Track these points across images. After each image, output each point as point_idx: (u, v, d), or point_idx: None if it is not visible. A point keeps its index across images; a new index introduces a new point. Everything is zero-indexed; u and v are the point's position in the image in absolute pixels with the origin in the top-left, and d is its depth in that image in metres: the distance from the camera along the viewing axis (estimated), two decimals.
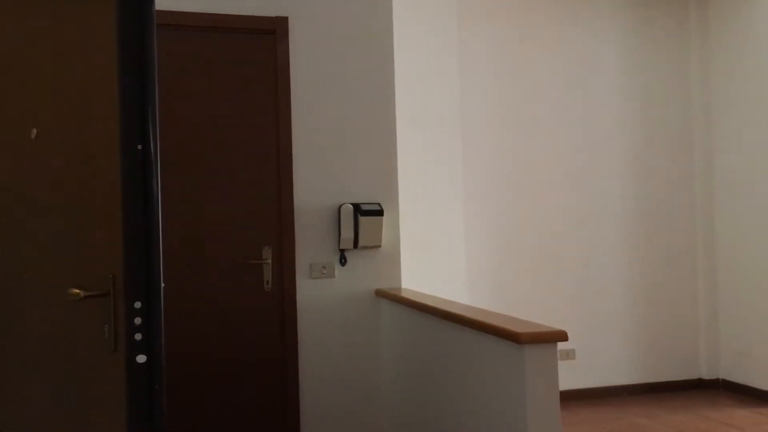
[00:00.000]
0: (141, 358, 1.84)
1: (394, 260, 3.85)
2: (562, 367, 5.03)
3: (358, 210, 3.72)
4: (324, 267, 3.74)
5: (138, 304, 1.84)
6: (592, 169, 5.23)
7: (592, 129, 5.23)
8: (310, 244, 3.73)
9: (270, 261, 3.66)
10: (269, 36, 3.69)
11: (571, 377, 5.13)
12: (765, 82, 4.90)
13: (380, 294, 3.76)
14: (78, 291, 1.90)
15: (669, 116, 5.38)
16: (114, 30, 1.84)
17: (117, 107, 1.85)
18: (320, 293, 3.74)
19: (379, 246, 3.78)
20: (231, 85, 3.66)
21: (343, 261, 3.76)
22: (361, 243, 3.73)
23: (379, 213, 3.74)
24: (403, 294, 3.60)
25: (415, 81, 4.70)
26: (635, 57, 5.32)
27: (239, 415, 3.63)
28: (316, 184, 3.75)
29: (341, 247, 3.74)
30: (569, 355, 5.15)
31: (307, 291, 3.71)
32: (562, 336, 2.38)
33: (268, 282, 3.66)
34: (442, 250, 4.82)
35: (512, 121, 5.08)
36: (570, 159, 5.18)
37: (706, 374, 5.36)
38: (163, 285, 1.96)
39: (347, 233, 3.71)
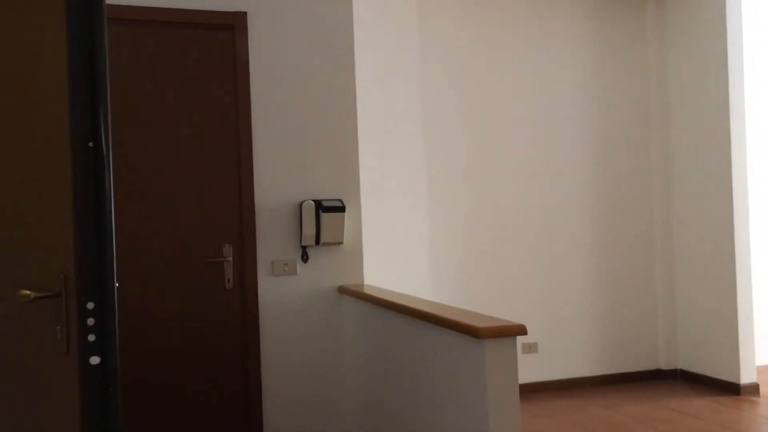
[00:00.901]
0: (94, 360, 1.80)
1: (356, 256, 3.85)
2: (525, 360, 5.16)
3: (319, 206, 3.70)
4: (286, 264, 3.72)
5: (91, 305, 1.80)
6: (553, 165, 5.28)
7: (553, 125, 5.29)
8: (271, 242, 3.70)
9: (231, 259, 3.62)
10: (227, 31, 3.65)
11: (534, 370, 5.20)
12: (720, 78, 5.00)
13: (342, 290, 3.75)
14: (28, 292, 1.85)
15: (628, 113, 5.46)
16: (63, 25, 1.80)
17: (67, 104, 1.81)
18: (282, 291, 3.72)
19: (341, 242, 3.77)
20: (189, 81, 3.61)
21: (305, 258, 3.75)
22: (322, 240, 3.71)
23: (341, 209, 3.73)
24: (366, 290, 3.59)
25: (376, 77, 4.70)
26: (594, 54, 5.39)
27: (200, 416, 3.59)
28: (277, 181, 3.72)
29: (303, 244, 3.73)
30: (532, 348, 5.21)
31: (269, 288, 3.69)
32: (521, 330, 2.40)
33: (229, 280, 3.62)
34: (405, 246, 4.84)
35: (474, 118, 5.10)
36: (531, 155, 5.23)
37: (664, 365, 5.47)
38: (117, 285, 1.93)
39: (309, 230, 3.69)
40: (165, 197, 3.56)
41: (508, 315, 5.03)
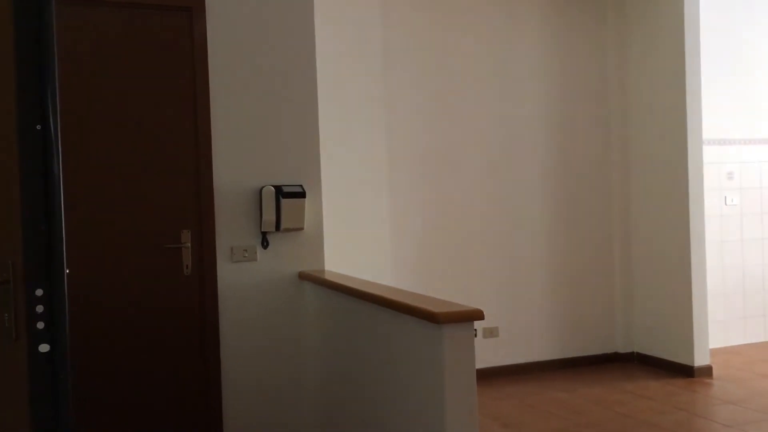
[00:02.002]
0: (44, 348, 1.77)
1: (317, 242, 3.83)
2: (487, 344, 5.21)
3: (279, 192, 3.67)
4: (245, 250, 3.69)
5: (39, 292, 1.76)
6: (513, 152, 5.32)
7: (514, 115, 5.32)
8: (230, 227, 3.66)
9: (189, 245, 3.58)
10: (185, 13, 3.58)
11: (495, 354, 5.26)
12: (677, 74, 5.07)
13: (303, 276, 3.74)
14: None
15: (588, 103, 5.51)
16: (9, 5, 1.74)
17: (14, 86, 1.76)
18: (242, 277, 3.68)
19: (302, 228, 3.76)
20: (145, 64, 3.54)
21: (265, 244, 3.72)
22: (283, 225, 3.69)
23: (302, 195, 3.71)
24: (327, 276, 3.59)
25: (337, 61, 4.67)
26: (555, 43, 5.42)
27: (158, 405, 3.56)
28: (236, 166, 3.68)
29: (263, 230, 3.70)
30: (493, 332, 5.27)
31: (229, 275, 3.65)
32: (479, 315, 2.42)
33: (187, 266, 3.58)
34: (366, 231, 4.84)
35: (435, 103, 5.10)
36: (492, 142, 5.26)
37: (621, 348, 5.58)
38: (67, 271, 1.89)
39: (269, 215, 3.66)
40: (120, 182, 3.50)
41: (470, 300, 5.07)
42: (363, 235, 4.81)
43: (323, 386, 3.63)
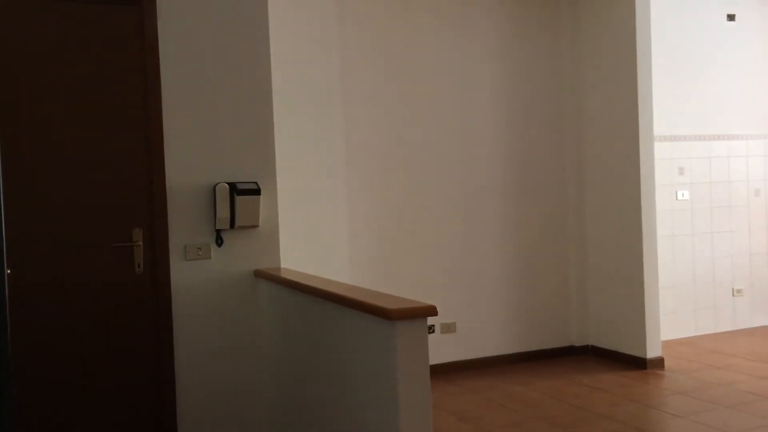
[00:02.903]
0: None
1: (272, 240, 3.80)
2: (444, 340, 5.24)
3: (234, 189, 3.63)
4: (199, 248, 3.64)
5: None
6: (470, 150, 5.35)
7: (470, 113, 5.35)
8: (184, 225, 3.61)
9: (141, 243, 3.52)
10: (135, 7, 3.51)
11: (452, 349, 5.30)
12: (629, 73, 5.16)
13: (259, 274, 3.71)
14: None
15: (542, 102, 5.57)
16: None
17: None
18: (196, 275, 3.64)
19: (257, 226, 3.72)
20: (94, 59, 3.46)
21: (219, 242, 3.68)
22: (238, 223, 3.65)
23: (256, 192, 3.68)
24: (282, 274, 3.56)
25: (293, 56, 4.63)
26: (510, 49, 5.45)
27: (110, 409, 3.49)
28: (189, 163, 3.63)
29: (217, 228, 3.66)
30: (450, 328, 5.30)
31: (182, 273, 3.60)
32: (432, 311, 2.43)
33: (139, 265, 3.52)
34: (323, 228, 4.81)
35: (393, 101, 5.10)
36: (449, 140, 5.28)
37: (576, 341, 5.67)
38: (8, 271, 1.85)
39: (223, 213, 3.62)
40: (69, 180, 3.42)
41: (428, 296, 5.09)
42: (320, 233, 4.79)
43: (279, 385, 3.61)
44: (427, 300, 5.25)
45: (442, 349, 5.25)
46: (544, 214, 5.59)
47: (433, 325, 5.22)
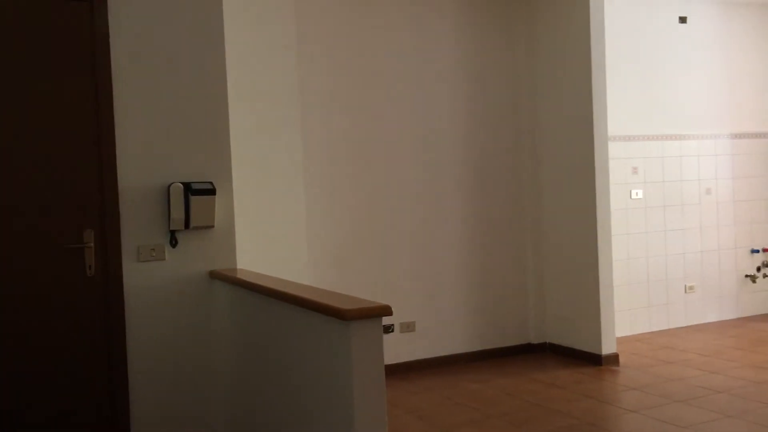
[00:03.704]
0: None
1: (228, 240, 3.76)
2: (404, 339, 5.25)
3: (188, 189, 3.58)
4: (153, 249, 3.58)
5: None
6: (429, 148, 5.37)
7: (429, 112, 5.37)
8: (137, 226, 3.54)
9: (92, 244, 3.44)
10: (85, 2, 3.43)
11: (412, 348, 5.31)
12: (584, 74, 5.23)
13: (214, 275, 3.66)
14: None
15: (500, 102, 5.62)
16: None
17: None
18: (150, 277, 3.57)
19: (212, 226, 3.67)
20: (41, 55, 3.37)
21: (173, 242, 3.62)
22: (192, 223, 3.60)
23: (211, 192, 3.63)
24: (238, 275, 3.52)
25: (249, 54, 4.57)
26: (469, 51, 5.49)
27: (61, 417, 3.40)
28: (142, 163, 3.56)
29: (171, 228, 3.60)
30: (410, 327, 5.31)
31: (135, 275, 3.53)
32: (386, 310, 2.43)
33: (90, 267, 3.44)
34: (282, 228, 4.75)
35: (352, 100, 5.10)
36: (408, 139, 5.29)
37: (534, 339, 5.73)
38: None
39: (177, 213, 3.56)
40: (16, 181, 3.33)
41: (387, 296, 5.11)
42: (278, 233, 4.73)
43: (235, 387, 3.57)
44: (386, 300, 5.26)
45: (401, 349, 5.26)
46: (502, 214, 5.64)
47: (393, 325, 5.23)
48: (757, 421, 3.92)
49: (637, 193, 6.11)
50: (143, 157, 3.55)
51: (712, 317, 6.47)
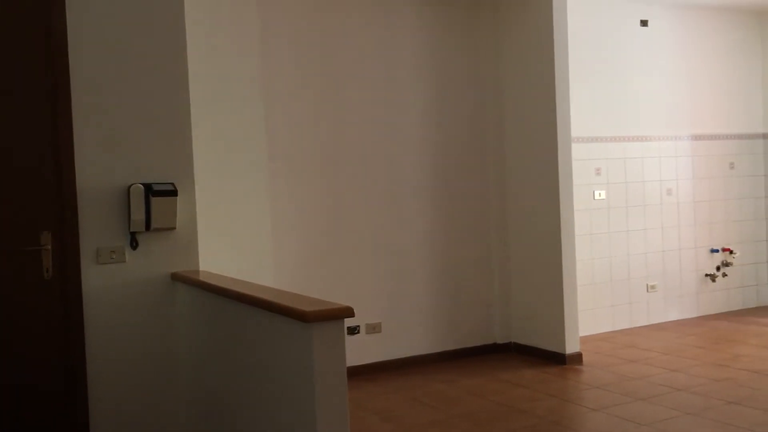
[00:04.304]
0: None
1: (191, 242, 3.71)
2: (370, 340, 5.24)
3: (149, 190, 3.53)
4: (113, 251, 3.52)
5: None
6: (394, 150, 5.37)
7: (394, 113, 5.37)
8: (96, 228, 3.47)
9: (50, 247, 3.37)
10: None
11: (378, 350, 5.30)
12: (547, 77, 5.28)
13: (176, 278, 3.61)
14: None
15: (465, 104, 5.64)
16: None
17: None
18: (110, 280, 3.51)
19: (174, 228, 3.62)
20: None
21: (134, 244, 3.56)
22: (153, 225, 3.54)
23: (173, 193, 3.58)
24: (201, 277, 3.48)
25: (212, 52, 4.52)
26: (434, 53, 5.51)
27: (18, 422, 3.32)
28: (102, 163, 3.49)
29: (132, 230, 3.53)
30: (376, 328, 5.31)
31: (95, 278, 3.46)
32: (349, 312, 2.41)
33: (48, 270, 3.37)
34: (245, 230, 4.70)
35: (316, 101, 5.07)
36: (373, 140, 5.29)
37: (500, 339, 5.76)
38: None
39: (138, 215, 3.50)
40: None
41: (353, 297, 5.09)
42: (242, 235, 4.68)
43: (197, 390, 3.52)
44: (352, 301, 5.21)
45: (367, 350, 5.25)
46: (467, 215, 5.67)
47: (358, 326, 5.22)
48: (717, 418, 3.99)
49: (600, 194, 6.19)
50: (103, 157, 3.49)
51: (673, 316, 6.58)
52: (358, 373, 5.09)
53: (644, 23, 6.40)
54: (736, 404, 4.21)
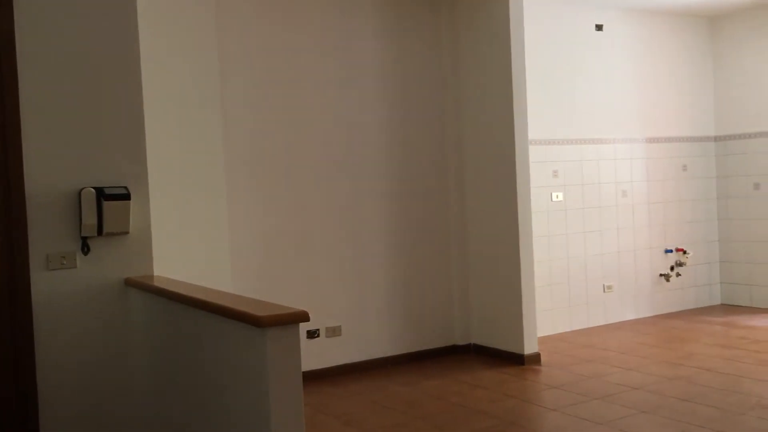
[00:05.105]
0: None
1: (144, 247, 3.63)
2: (330, 343, 5.22)
3: (101, 194, 3.45)
4: (64, 257, 3.43)
5: None
6: (354, 153, 5.36)
7: (353, 115, 5.36)
8: (46, 233, 3.38)
9: None
10: None
11: (338, 353, 5.28)
12: (505, 81, 5.33)
13: (130, 283, 3.54)
14: None
15: (424, 107, 5.66)
16: None
17: None
18: (60, 286, 3.42)
19: (127, 232, 3.55)
20: None
21: (85, 249, 3.48)
22: (106, 229, 3.47)
23: (126, 197, 3.51)
24: (155, 282, 3.42)
25: (167, 54, 4.46)
26: (393, 55, 5.52)
27: None
28: (52, 167, 3.41)
29: (83, 235, 3.45)
30: (336, 331, 5.29)
31: (44, 284, 3.37)
32: (304, 316, 2.39)
33: None
34: (204, 235, 4.64)
35: (274, 100, 5.04)
36: (332, 143, 5.27)
37: (460, 340, 5.79)
38: None
39: (89, 219, 3.43)
40: None
41: (313, 301, 5.08)
42: (200, 239, 4.62)
43: (151, 398, 3.46)
44: (312, 305, 5.23)
45: (328, 353, 5.23)
46: (427, 217, 5.68)
47: (318, 330, 5.19)
48: (670, 416, 4.07)
49: (557, 196, 6.27)
50: (52, 160, 3.40)
51: (629, 315, 6.69)
52: (318, 377, 5.06)
53: (599, 28, 6.51)
54: (688, 402, 4.30)
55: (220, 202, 4.72)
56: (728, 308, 7.00)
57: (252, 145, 4.95)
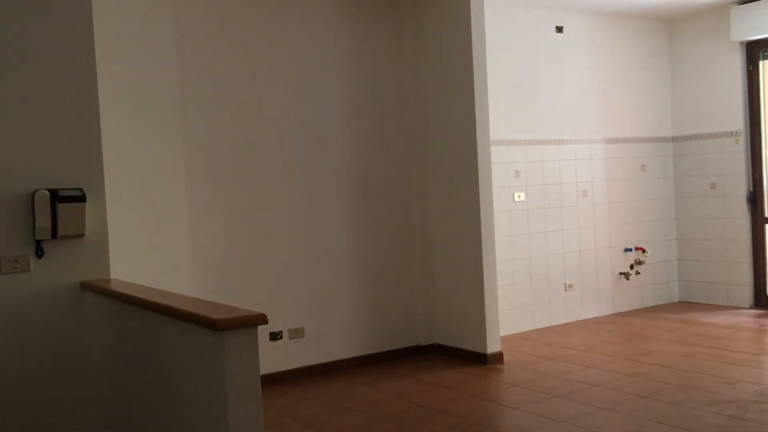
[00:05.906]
0: None
1: (101, 250, 3.57)
2: (293, 345, 5.19)
3: (55, 196, 3.38)
4: (17, 261, 3.35)
5: None
6: (315, 152, 5.34)
7: (314, 115, 5.33)
8: None
9: None
10: None
11: (301, 355, 5.25)
12: (466, 82, 5.35)
13: (86, 287, 3.47)
14: None
15: (386, 108, 5.65)
16: None
17: None
18: (13, 291, 3.34)
19: (83, 235, 3.48)
20: None
21: (39, 253, 3.41)
22: (60, 232, 3.40)
23: (81, 199, 3.44)
24: (111, 285, 3.36)
25: (125, 53, 4.38)
26: (353, 55, 5.50)
27: None
28: (4, 168, 3.33)
29: (37, 238, 3.38)
30: (299, 333, 5.26)
31: None
32: (262, 319, 2.37)
33: None
34: (162, 237, 4.58)
35: (235, 100, 4.99)
36: (294, 143, 5.24)
37: (423, 341, 5.80)
38: None
39: (43, 222, 3.36)
40: None
41: (275, 303, 5.05)
42: (160, 242, 4.55)
43: (109, 402, 3.40)
44: (274, 307, 5.20)
45: (291, 355, 5.20)
46: (390, 218, 5.69)
47: (281, 331, 5.16)
48: (629, 413, 4.13)
49: (519, 196, 6.32)
50: (4, 161, 3.33)
51: (590, 314, 6.78)
52: (281, 380, 5.03)
53: (559, 30, 6.58)
54: (647, 398, 4.37)
55: (179, 203, 4.66)
56: (686, 305, 7.14)
57: (212, 145, 4.90)
